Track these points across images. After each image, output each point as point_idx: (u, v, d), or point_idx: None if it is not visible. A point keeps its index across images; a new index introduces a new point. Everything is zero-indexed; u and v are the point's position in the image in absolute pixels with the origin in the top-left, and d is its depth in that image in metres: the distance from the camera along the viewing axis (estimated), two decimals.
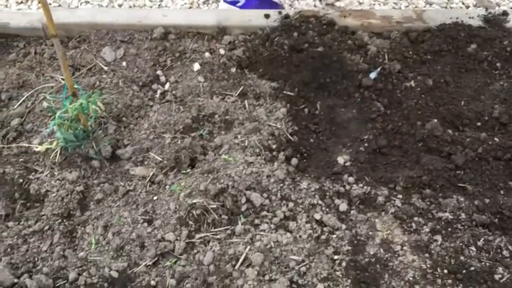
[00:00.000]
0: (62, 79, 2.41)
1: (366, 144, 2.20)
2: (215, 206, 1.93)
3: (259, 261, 1.78)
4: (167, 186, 2.06)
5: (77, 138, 2.15)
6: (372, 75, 2.39)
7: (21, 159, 2.18)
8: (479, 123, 2.22)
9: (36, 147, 2.17)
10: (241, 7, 2.84)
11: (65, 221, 1.99)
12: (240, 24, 2.66)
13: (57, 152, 2.15)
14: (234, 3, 2.88)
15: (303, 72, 2.42)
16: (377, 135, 2.22)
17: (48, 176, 2.11)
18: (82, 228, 1.97)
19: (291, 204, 1.94)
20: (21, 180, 2.09)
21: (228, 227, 1.90)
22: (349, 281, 1.73)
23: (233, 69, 2.50)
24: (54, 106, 2.26)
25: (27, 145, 2.22)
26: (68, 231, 1.96)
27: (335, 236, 1.85)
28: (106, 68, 2.50)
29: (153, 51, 2.57)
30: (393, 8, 2.72)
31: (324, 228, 1.87)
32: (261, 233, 1.86)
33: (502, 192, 2.00)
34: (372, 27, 2.58)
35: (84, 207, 2.04)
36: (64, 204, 2.02)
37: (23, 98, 2.39)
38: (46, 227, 1.96)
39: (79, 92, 2.16)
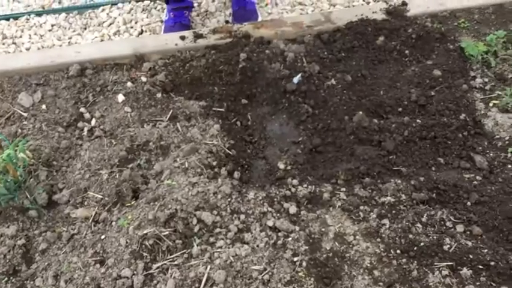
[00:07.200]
0: None
1: (302, 146, 2.27)
2: (167, 232, 1.91)
3: (222, 279, 1.78)
4: (113, 223, 2.01)
5: (8, 191, 2.05)
6: (296, 79, 2.47)
7: None
8: (400, 109, 2.35)
9: None
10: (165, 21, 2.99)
11: (11, 278, 1.88)
12: (157, 49, 2.66)
13: None
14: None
15: (228, 87, 2.46)
16: (310, 136, 2.30)
17: None
18: (31, 283, 1.89)
19: (242, 217, 1.96)
20: None
21: (184, 250, 1.88)
22: (312, 279, 1.77)
23: (159, 95, 2.48)
24: None
25: None
26: None
27: (290, 238, 1.88)
28: (25, 114, 2.41)
29: (72, 89, 2.51)
30: (301, 13, 2.83)
31: (279, 233, 1.90)
32: (219, 250, 1.86)
33: (433, 168, 2.13)
34: (286, 35, 2.67)
35: (29, 261, 1.95)
36: (8, 261, 1.92)
37: None
38: None
39: (4, 143, 2.06)
